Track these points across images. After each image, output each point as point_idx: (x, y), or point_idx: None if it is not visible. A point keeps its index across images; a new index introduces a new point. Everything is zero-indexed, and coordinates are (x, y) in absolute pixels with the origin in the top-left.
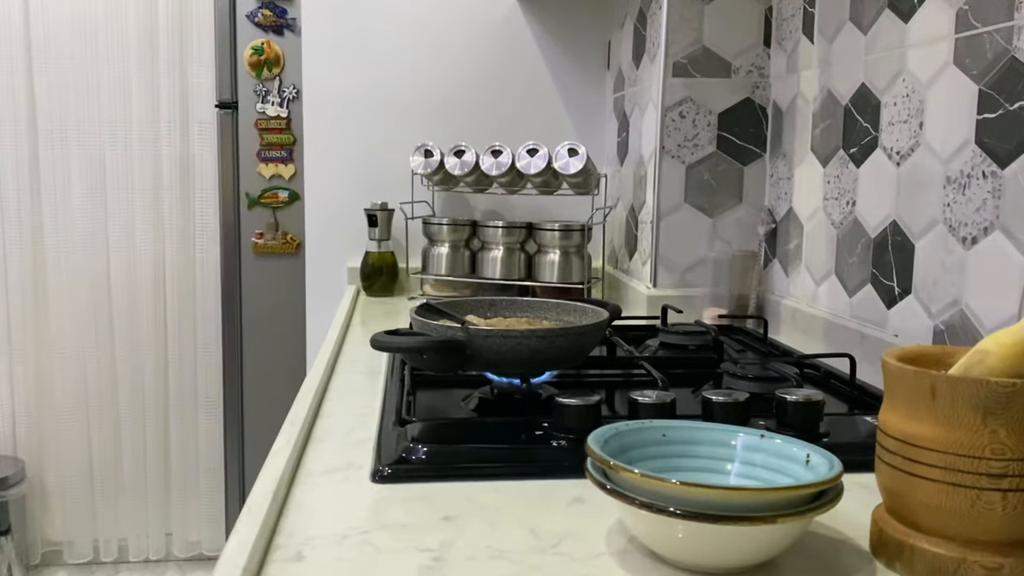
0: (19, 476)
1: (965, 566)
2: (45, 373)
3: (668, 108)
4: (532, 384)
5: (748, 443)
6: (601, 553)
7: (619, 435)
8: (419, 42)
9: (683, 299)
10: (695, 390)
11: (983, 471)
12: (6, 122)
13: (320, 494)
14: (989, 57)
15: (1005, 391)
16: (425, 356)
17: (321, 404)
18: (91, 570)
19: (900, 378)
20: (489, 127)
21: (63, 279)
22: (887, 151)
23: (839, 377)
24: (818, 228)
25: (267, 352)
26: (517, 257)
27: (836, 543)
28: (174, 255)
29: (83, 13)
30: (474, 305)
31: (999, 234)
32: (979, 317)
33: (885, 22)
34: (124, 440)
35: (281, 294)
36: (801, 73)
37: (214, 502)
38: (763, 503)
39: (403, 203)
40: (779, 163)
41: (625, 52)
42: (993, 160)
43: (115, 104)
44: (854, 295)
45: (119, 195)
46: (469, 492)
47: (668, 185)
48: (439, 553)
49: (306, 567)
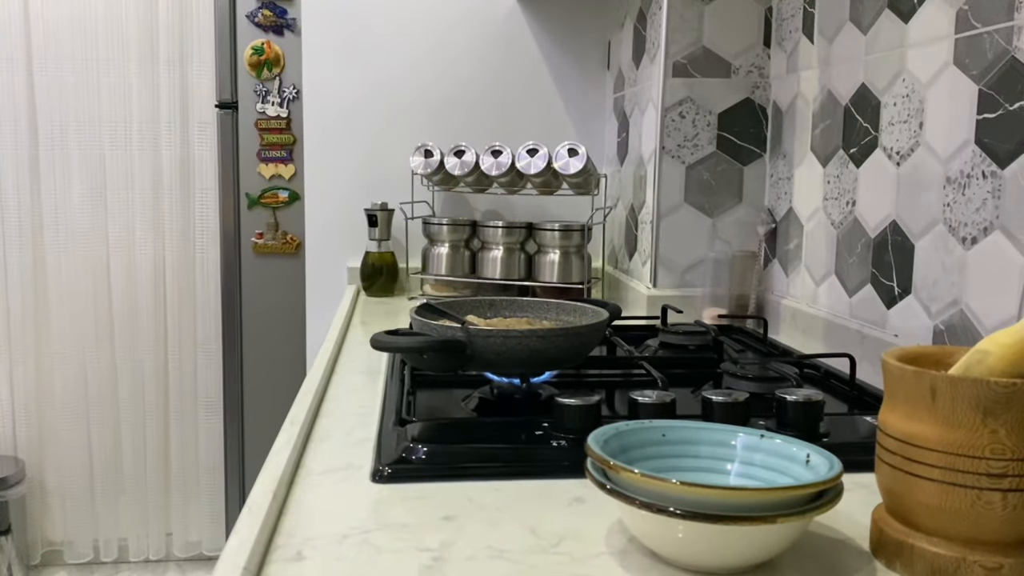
0: (19, 476)
1: (965, 566)
2: (45, 373)
3: (668, 108)
4: (532, 384)
5: (748, 443)
6: (601, 553)
7: (619, 435)
8: (419, 42)
9: (683, 299)
10: (695, 390)
11: (983, 471)
12: (6, 122)
13: (320, 494)
14: (989, 57)
15: (1005, 391)
16: (425, 356)
17: (321, 404)
18: (91, 570)
19: (900, 378)
20: (489, 127)
21: (63, 279)
22: (887, 151)
23: (839, 377)
24: (818, 228)
25: (267, 352)
26: (517, 257)
27: (836, 543)
28: (174, 255)
29: (83, 13)
30: (474, 305)
31: (999, 234)
32: (979, 317)
33: (885, 22)
34: (124, 440)
35: (281, 294)
36: (801, 73)
37: (214, 502)
38: (763, 503)
39: (403, 203)
40: (779, 163)
41: (625, 52)
42: (993, 160)
43: (115, 104)
44: (854, 295)
45: (119, 195)
46: (469, 492)
47: (668, 185)
48: (439, 553)
49: (306, 567)
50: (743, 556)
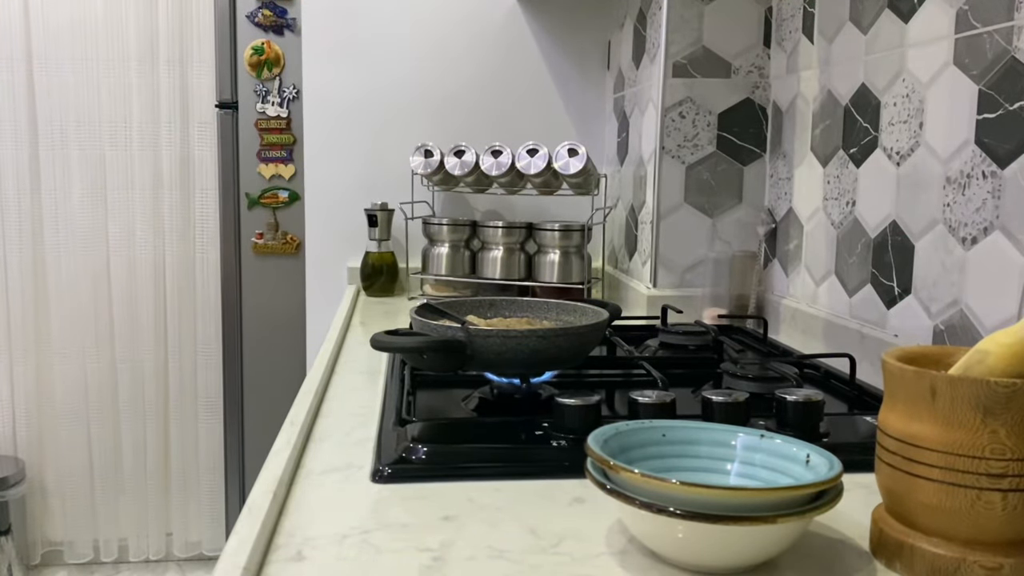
0: (19, 476)
1: (965, 566)
2: (45, 373)
3: (668, 108)
4: (532, 384)
5: (748, 443)
6: (601, 553)
7: (619, 435)
8: (419, 42)
9: (683, 299)
10: (695, 390)
11: (983, 471)
12: (6, 122)
13: (320, 494)
14: (989, 57)
15: (1005, 391)
16: (425, 356)
17: (321, 404)
18: (91, 570)
19: (900, 378)
20: (489, 127)
21: (63, 279)
22: (887, 151)
23: (839, 377)
24: (818, 228)
25: (267, 352)
26: (517, 257)
27: (836, 543)
28: (174, 255)
29: (83, 13)
30: (474, 305)
31: (999, 234)
32: (979, 317)
33: (885, 22)
34: (124, 440)
35: (281, 294)
36: (801, 73)
37: (214, 502)
38: (763, 503)
39: (403, 203)
40: (779, 163)
41: (625, 52)
42: (993, 160)
43: (115, 104)
44: (854, 295)
45: (119, 195)
46: (469, 492)
47: (668, 185)
48: (439, 553)
49: (306, 567)
50: (743, 556)
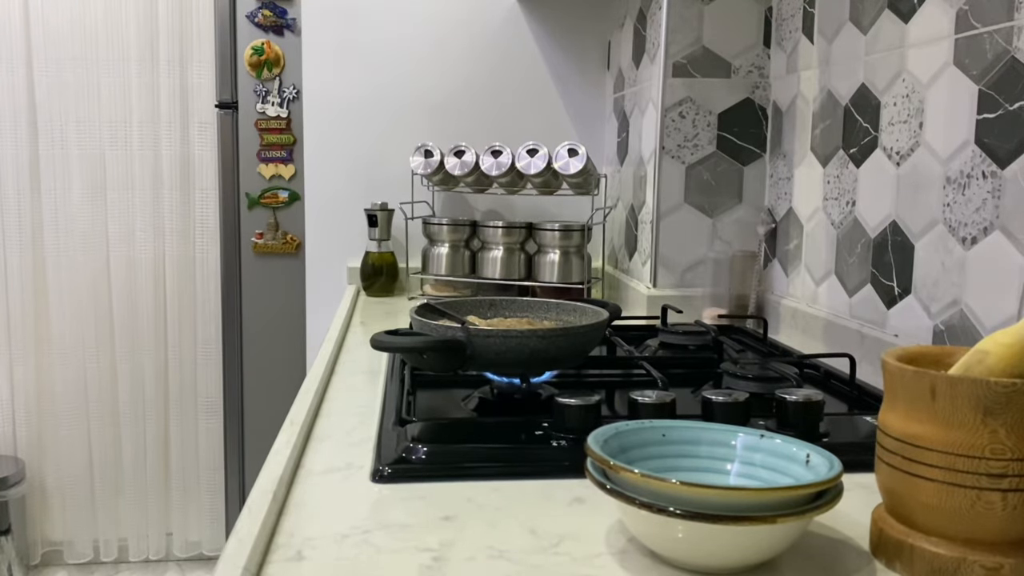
0: (19, 476)
1: (965, 566)
2: (45, 373)
3: (668, 108)
4: (532, 384)
5: (748, 443)
6: (601, 553)
7: (619, 435)
8: (419, 42)
9: (683, 299)
10: (695, 390)
11: (983, 471)
12: (6, 122)
13: (320, 494)
14: (989, 57)
15: (1005, 391)
16: (425, 356)
17: (321, 404)
18: (91, 570)
19: (900, 378)
20: (489, 127)
21: (63, 279)
22: (887, 151)
23: (839, 377)
24: (818, 228)
25: (267, 352)
26: (517, 257)
27: (836, 543)
28: (174, 255)
29: (83, 14)
30: (474, 305)
31: (999, 234)
32: (979, 317)
33: (885, 22)
34: (124, 440)
35: (281, 294)
36: (801, 73)
37: (214, 502)
38: (763, 503)
39: (403, 203)
40: (779, 163)
41: (625, 52)
42: (993, 160)
43: (115, 104)
44: (854, 295)
45: (119, 195)
46: (469, 492)
47: (668, 185)
48: (439, 553)
49: (306, 567)
50: (743, 556)
